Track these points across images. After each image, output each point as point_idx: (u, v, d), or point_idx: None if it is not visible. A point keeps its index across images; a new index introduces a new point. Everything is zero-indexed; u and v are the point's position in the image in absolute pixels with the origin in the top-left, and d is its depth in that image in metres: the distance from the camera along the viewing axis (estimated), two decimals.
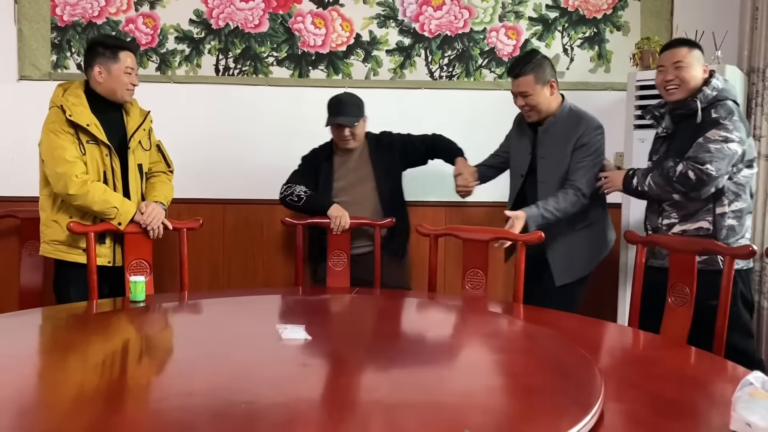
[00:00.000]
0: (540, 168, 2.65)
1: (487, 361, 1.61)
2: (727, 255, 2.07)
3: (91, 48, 2.60)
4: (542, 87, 2.58)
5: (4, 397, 1.29)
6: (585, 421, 1.15)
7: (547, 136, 2.65)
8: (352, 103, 2.91)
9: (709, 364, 1.69)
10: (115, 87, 2.57)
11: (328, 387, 1.40)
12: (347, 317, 2.17)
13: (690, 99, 2.40)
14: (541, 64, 2.59)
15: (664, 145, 2.51)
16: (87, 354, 1.65)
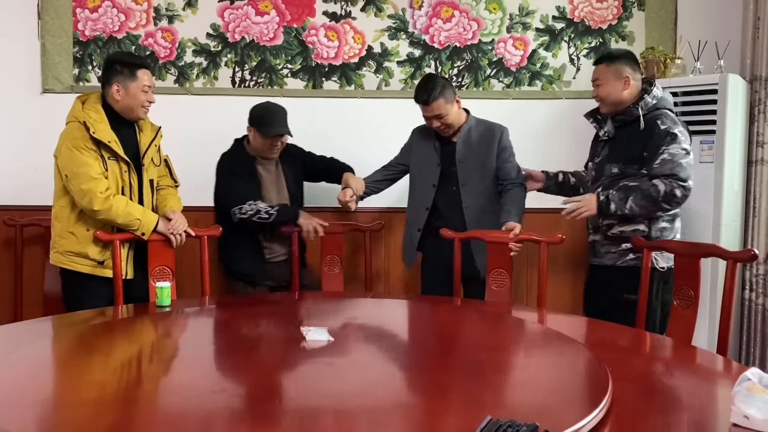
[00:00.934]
0: (460, 172, 2.87)
1: (499, 359, 1.69)
2: (730, 259, 2.15)
3: (109, 66, 2.64)
4: (451, 105, 2.82)
5: (55, 396, 1.38)
6: (593, 414, 1.24)
7: (464, 144, 2.89)
8: (284, 113, 2.98)
9: (711, 361, 1.77)
10: (132, 105, 2.62)
11: (351, 383, 1.49)
12: (365, 319, 2.26)
13: (632, 106, 2.58)
14: (445, 86, 2.82)
15: (605, 148, 2.67)
16: (122, 356, 1.75)
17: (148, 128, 2.77)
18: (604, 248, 2.63)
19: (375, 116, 3.53)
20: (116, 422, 1.26)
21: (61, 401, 1.40)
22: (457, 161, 2.88)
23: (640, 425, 1.32)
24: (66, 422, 1.26)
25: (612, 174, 2.62)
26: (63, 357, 1.75)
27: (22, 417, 1.25)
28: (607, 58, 2.65)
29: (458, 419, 1.21)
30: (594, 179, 2.73)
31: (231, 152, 3.04)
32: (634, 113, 2.57)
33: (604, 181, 2.64)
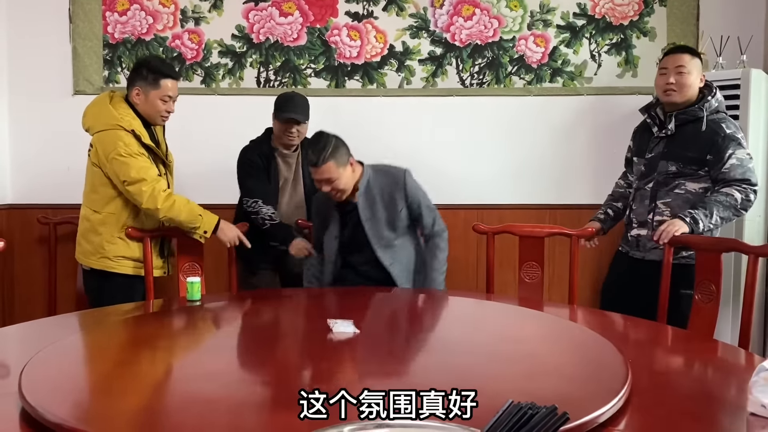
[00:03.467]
0: (369, 231, 2.59)
1: (522, 350, 1.73)
2: (752, 254, 2.17)
3: (137, 68, 2.67)
4: (344, 169, 2.51)
5: (95, 383, 1.45)
6: (612, 403, 1.27)
7: (366, 203, 2.61)
8: (303, 102, 2.98)
9: (732, 354, 1.80)
10: (150, 112, 2.63)
11: (376, 372, 1.54)
12: (389, 312, 2.32)
13: (697, 106, 2.58)
14: (338, 147, 2.53)
15: (661, 144, 2.65)
16: (157, 347, 1.82)
17: (160, 128, 2.79)
18: (651, 243, 2.57)
19: (397, 114, 3.57)
20: (153, 407, 1.32)
21: (101, 388, 1.47)
22: (363, 220, 2.59)
23: (658, 415, 1.35)
24: (105, 407, 1.33)
25: (668, 171, 2.61)
26: (101, 348, 1.83)
27: (66, 402, 1.32)
28: (690, 51, 2.65)
29: (482, 401, 1.26)
30: (643, 174, 2.70)
31: (255, 142, 3.08)
32: (698, 114, 2.57)
33: (658, 177, 2.64)
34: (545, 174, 3.60)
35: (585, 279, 3.58)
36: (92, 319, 2.17)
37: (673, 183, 2.60)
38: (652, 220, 2.63)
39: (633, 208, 2.74)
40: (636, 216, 2.71)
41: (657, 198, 2.63)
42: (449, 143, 3.59)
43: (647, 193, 2.67)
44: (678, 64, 2.59)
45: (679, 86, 2.58)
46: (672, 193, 2.61)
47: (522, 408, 0.83)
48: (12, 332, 2.01)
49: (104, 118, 2.58)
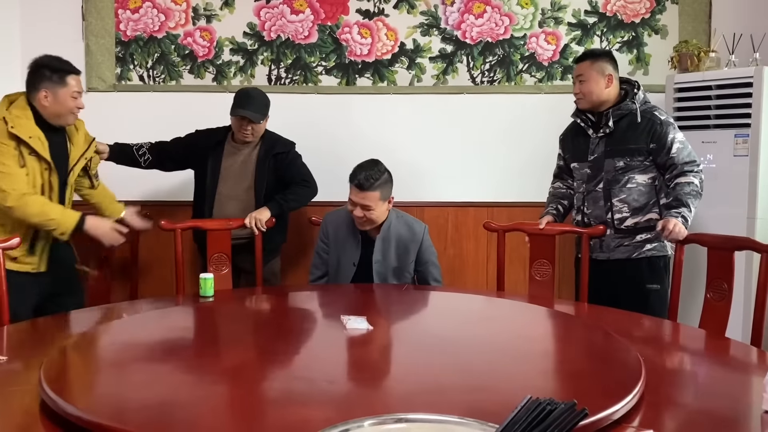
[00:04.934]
0: (375, 272, 2.69)
1: (538, 349, 1.74)
2: (764, 252, 2.17)
3: (37, 70, 2.53)
4: (383, 203, 2.63)
5: (115, 379, 1.47)
6: (626, 400, 1.28)
7: (382, 246, 2.70)
8: (260, 100, 3.00)
9: (744, 352, 1.80)
10: (61, 111, 2.52)
11: (393, 368, 1.56)
12: (400, 309, 2.33)
13: (629, 100, 2.68)
14: (388, 181, 2.65)
15: (601, 144, 2.71)
16: (172, 344, 1.84)
17: (81, 139, 2.69)
18: (615, 242, 2.67)
19: (407, 112, 3.58)
20: (170, 401, 1.34)
21: (119, 382, 1.49)
22: (373, 261, 2.69)
23: (672, 412, 1.36)
24: (123, 401, 1.35)
25: (616, 168, 2.67)
26: (118, 343, 1.85)
27: (85, 395, 1.34)
28: (590, 56, 2.73)
29: (499, 397, 1.27)
30: (591, 176, 2.74)
31: (214, 128, 3.16)
32: (631, 107, 2.67)
33: (606, 176, 2.69)
34: None
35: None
36: (108, 315, 2.19)
37: (623, 179, 2.66)
38: (612, 219, 2.68)
39: (586, 212, 2.75)
40: (593, 218, 2.73)
41: (611, 197, 2.68)
42: (459, 141, 3.60)
43: (599, 194, 2.71)
44: (577, 73, 2.73)
45: (582, 94, 2.70)
46: (625, 189, 2.67)
47: (541, 404, 0.84)
48: (30, 327, 2.03)
49: None
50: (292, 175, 3.05)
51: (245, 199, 3.03)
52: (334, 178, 3.20)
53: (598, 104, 2.71)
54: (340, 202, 3.21)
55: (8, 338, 1.88)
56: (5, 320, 2.17)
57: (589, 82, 2.68)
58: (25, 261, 2.50)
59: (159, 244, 3.40)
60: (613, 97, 2.71)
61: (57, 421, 1.25)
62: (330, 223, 2.80)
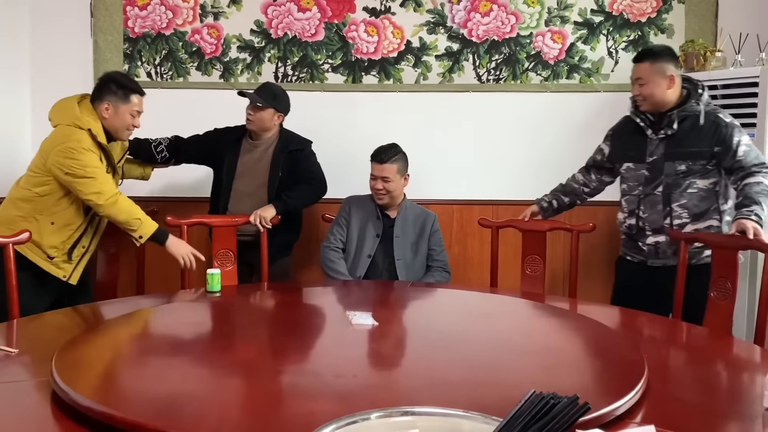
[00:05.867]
0: (396, 246, 2.91)
1: (539, 345, 1.75)
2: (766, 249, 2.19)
3: (105, 83, 2.69)
4: (401, 177, 2.92)
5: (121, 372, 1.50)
6: (629, 396, 1.30)
7: (401, 219, 2.96)
8: (269, 90, 3.07)
9: (747, 351, 1.81)
10: (118, 126, 2.66)
11: (398, 362, 1.57)
12: (404, 305, 2.35)
13: (694, 101, 2.55)
14: (404, 158, 2.94)
15: (661, 146, 2.59)
16: (184, 337, 1.86)
17: (118, 148, 2.83)
18: (672, 248, 2.53)
19: (413, 110, 3.59)
20: (179, 394, 1.36)
21: (129, 374, 1.51)
22: (394, 236, 2.93)
23: (673, 409, 1.38)
24: (134, 392, 1.38)
25: (677, 171, 2.55)
26: (127, 336, 1.87)
27: (96, 387, 1.37)
28: (650, 56, 2.58)
29: (502, 392, 1.29)
30: (649, 179, 2.62)
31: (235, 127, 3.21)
32: (696, 109, 2.54)
33: (666, 179, 2.57)
34: (561, 170, 3.57)
35: (597, 275, 3.60)
36: (117, 308, 2.22)
37: (684, 183, 2.55)
38: (671, 225, 2.56)
39: (642, 216, 2.64)
40: (649, 223, 2.61)
41: (671, 201, 2.56)
42: (465, 139, 3.61)
43: (658, 197, 2.59)
44: (636, 76, 2.60)
45: (643, 97, 2.58)
46: (686, 194, 2.55)
47: (544, 398, 0.85)
48: (40, 321, 2.05)
49: (66, 114, 2.64)
50: (302, 172, 3.07)
51: (259, 195, 3.05)
52: (339, 175, 3.22)
53: (661, 106, 2.57)
54: (344, 198, 3.24)
55: (19, 331, 1.91)
56: (15, 314, 2.19)
57: (649, 84, 2.54)
58: (60, 266, 2.60)
59: None
60: (675, 98, 2.56)
61: (68, 412, 1.27)
62: (352, 203, 3.02)
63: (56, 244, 2.59)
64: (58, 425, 1.25)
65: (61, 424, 1.25)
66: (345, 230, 2.97)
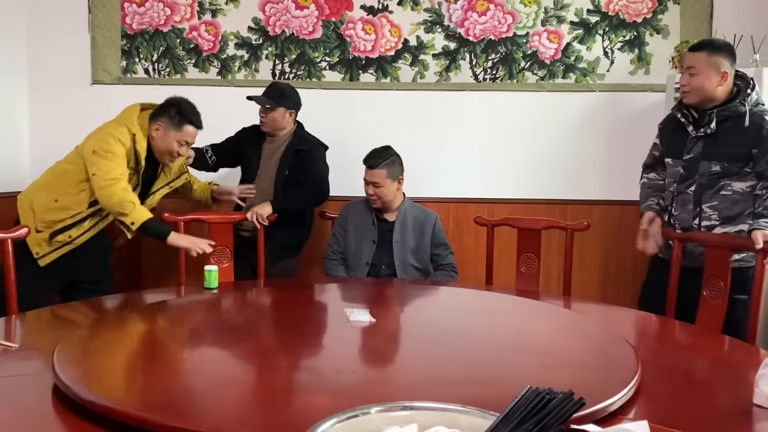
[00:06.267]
0: (396, 252, 2.90)
1: (535, 342, 1.78)
2: (760, 252, 2.20)
3: (167, 105, 2.71)
4: (392, 182, 2.89)
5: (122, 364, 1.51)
6: (622, 393, 1.32)
7: (399, 224, 2.94)
8: (277, 89, 3.12)
9: (738, 348, 1.85)
10: (162, 149, 2.69)
11: (395, 358, 1.60)
12: (401, 302, 2.37)
13: (738, 101, 2.45)
14: (396, 162, 2.92)
15: (700, 144, 2.51)
16: (182, 332, 1.88)
17: (173, 170, 2.86)
18: (699, 250, 2.45)
19: (410, 108, 3.61)
20: (179, 387, 1.38)
21: (129, 368, 1.53)
22: (393, 242, 2.91)
23: (666, 405, 1.40)
24: (135, 386, 1.39)
25: (711, 172, 2.47)
26: (127, 331, 1.89)
27: (97, 380, 1.38)
28: (708, 47, 2.48)
29: (499, 388, 1.31)
30: (683, 177, 2.55)
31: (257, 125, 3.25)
32: (741, 109, 2.43)
33: (700, 179, 2.49)
34: (557, 169, 3.63)
35: (592, 274, 3.63)
36: (117, 303, 2.23)
37: (718, 184, 2.46)
38: (699, 226, 2.48)
39: (674, 214, 2.57)
40: (679, 222, 2.54)
41: (702, 202, 2.48)
42: (461, 137, 3.63)
43: (689, 197, 2.51)
44: (689, 64, 2.49)
45: (690, 88, 2.48)
46: (718, 195, 2.46)
47: (540, 393, 0.88)
48: (40, 317, 2.07)
49: (126, 116, 2.71)
50: (303, 175, 3.09)
51: (269, 192, 3.08)
52: (336, 172, 3.23)
53: (706, 101, 2.48)
54: (345, 196, 3.26)
55: (19, 327, 1.92)
56: (14, 309, 2.20)
57: (700, 75, 2.44)
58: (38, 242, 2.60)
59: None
60: (723, 96, 2.47)
61: (69, 406, 1.28)
62: (349, 210, 3.03)
63: (48, 220, 2.61)
64: (59, 419, 1.27)
65: (63, 417, 1.26)
66: (342, 239, 2.97)
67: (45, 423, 1.27)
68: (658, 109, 3.40)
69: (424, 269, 2.92)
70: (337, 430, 0.93)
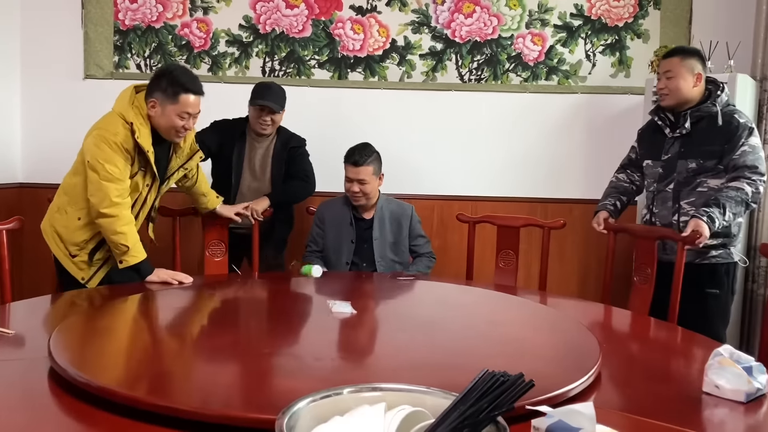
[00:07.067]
0: (376, 248, 2.93)
1: (505, 333, 1.88)
2: (680, 241, 2.39)
3: (157, 76, 2.43)
4: (376, 178, 2.92)
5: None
6: (583, 379, 1.42)
7: (377, 221, 2.95)
8: (280, 92, 3.11)
9: (693, 341, 1.96)
10: (164, 127, 2.42)
11: (372, 346, 1.69)
12: (382, 295, 2.46)
13: (710, 102, 2.61)
14: (378, 158, 2.93)
15: (676, 144, 2.66)
16: (174, 321, 1.96)
17: (185, 151, 2.64)
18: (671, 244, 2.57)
19: (397, 107, 3.71)
20: (169, 371, 1.47)
21: (124, 352, 1.61)
22: (373, 238, 2.93)
23: (625, 392, 1.51)
24: (129, 369, 1.48)
25: (688, 170, 2.61)
26: (120, 318, 1.97)
27: (91, 364, 1.47)
28: (681, 52, 2.67)
29: (461, 373, 1.40)
30: (662, 176, 2.70)
31: (232, 120, 3.22)
32: (712, 110, 2.59)
33: (678, 177, 2.64)
34: (539, 168, 3.74)
35: (572, 270, 3.74)
36: (109, 294, 2.31)
37: (695, 182, 2.61)
38: (678, 221, 2.62)
39: (654, 212, 2.73)
40: (659, 219, 2.70)
41: (680, 198, 2.63)
42: (446, 136, 3.73)
43: (669, 194, 2.67)
44: (665, 69, 2.65)
45: (668, 90, 2.64)
46: (695, 192, 2.61)
47: (495, 375, 0.97)
48: (33, 305, 2.14)
49: (119, 105, 2.47)
50: (296, 169, 3.17)
51: (265, 190, 3.14)
52: (324, 168, 3.32)
53: (683, 102, 2.64)
54: (332, 192, 3.34)
55: (14, 315, 2.00)
56: (7, 298, 2.28)
57: (677, 78, 2.61)
58: (80, 266, 2.46)
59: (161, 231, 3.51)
60: (697, 97, 2.64)
61: (65, 387, 1.37)
62: (325, 210, 3.02)
63: (79, 241, 2.44)
64: (55, 400, 1.35)
65: (59, 399, 1.34)
66: (321, 239, 2.99)
67: (42, 404, 1.35)
68: (637, 111, 3.52)
69: (403, 263, 2.99)
70: (311, 409, 1.02)
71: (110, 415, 1.25)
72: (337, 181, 3.37)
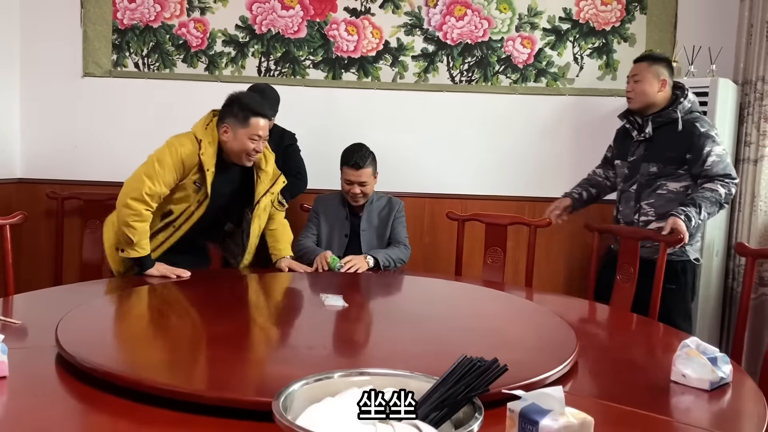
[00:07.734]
0: (363, 240, 2.99)
1: (488, 325, 1.97)
2: (662, 242, 2.51)
3: (228, 103, 2.55)
4: (374, 178, 2.98)
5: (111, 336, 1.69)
6: (559, 368, 1.51)
7: (366, 214, 3.02)
8: (274, 97, 3.16)
9: (662, 332, 2.07)
10: (238, 151, 2.51)
11: (363, 336, 1.78)
12: (373, 290, 2.56)
13: (670, 109, 2.76)
14: (374, 159, 2.98)
15: (641, 147, 2.83)
16: (175, 311, 2.05)
17: (269, 174, 2.71)
18: (642, 242, 2.67)
19: (390, 106, 3.79)
20: (172, 359, 1.55)
21: (129, 340, 1.70)
22: (360, 229, 3.01)
23: (598, 381, 1.61)
24: (134, 356, 1.56)
25: (649, 173, 2.78)
26: (126, 307, 2.06)
27: (98, 350, 1.55)
28: (649, 59, 2.82)
29: (443, 360, 1.50)
30: (627, 177, 2.88)
31: None
32: (673, 116, 2.74)
33: (640, 179, 2.82)
34: (527, 168, 3.83)
35: (558, 267, 3.84)
36: (116, 285, 2.40)
37: (656, 184, 2.76)
38: (638, 221, 2.81)
39: (620, 210, 2.92)
40: (623, 217, 2.88)
41: (641, 199, 2.81)
42: (438, 136, 3.82)
43: (631, 195, 2.85)
44: (633, 73, 2.82)
45: (634, 93, 2.80)
46: (655, 194, 2.77)
47: (472, 360, 1.06)
48: (38, 297, 2.22)
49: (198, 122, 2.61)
50: (289, 167, 3.25)
51: None
52: (318, 166, 3.41)
53: (648, 106, 2.79)
54: (325, 189, 3.42)
55: (20, 306, 2.08)
56: (11, 291, 2.36)
57: (643, 82, 2.75)
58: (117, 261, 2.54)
59: None
60: (663, 102, 2.78)
61: (72, 372, 1.45)
62: (321, 203, 3.10)
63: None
64: (63, 384, 1.43)
65: (67, 383, 1.43)
66: (317, 228, 3.05)
67: (50, 388, 1.43)
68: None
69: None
70: (304, 391, 1.11)
71: (116, 398, 1.34)
72: (329, 178, 3.46)
